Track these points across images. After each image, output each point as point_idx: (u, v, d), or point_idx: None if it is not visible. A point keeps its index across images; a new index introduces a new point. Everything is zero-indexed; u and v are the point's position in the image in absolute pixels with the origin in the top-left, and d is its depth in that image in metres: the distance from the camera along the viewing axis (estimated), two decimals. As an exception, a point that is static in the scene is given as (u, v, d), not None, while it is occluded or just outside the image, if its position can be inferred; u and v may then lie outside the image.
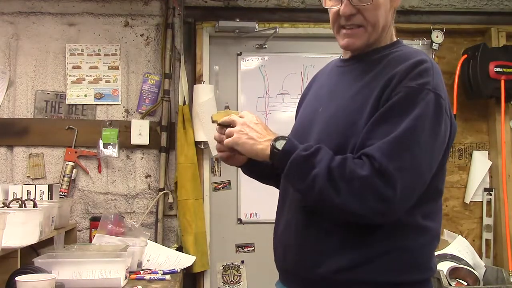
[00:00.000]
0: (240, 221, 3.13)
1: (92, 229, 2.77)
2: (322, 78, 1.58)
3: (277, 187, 1.59)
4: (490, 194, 3.20)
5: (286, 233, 1.44)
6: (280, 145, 1.31)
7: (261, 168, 1.59)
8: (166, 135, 2.99)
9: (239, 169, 1.66)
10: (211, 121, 1.52)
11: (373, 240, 1.28)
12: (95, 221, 2.75)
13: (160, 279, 2.23)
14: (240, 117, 1.42)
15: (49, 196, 2.72)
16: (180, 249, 2.85)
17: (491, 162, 3.24)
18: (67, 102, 3.01)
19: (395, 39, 1.46)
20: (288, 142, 1.31)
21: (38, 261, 1.91)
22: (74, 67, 3.02)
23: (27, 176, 2.94)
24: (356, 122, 1.30)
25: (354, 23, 1.38)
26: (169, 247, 2.84)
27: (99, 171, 2.98)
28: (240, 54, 3.20)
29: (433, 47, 3.17)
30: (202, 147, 3.02)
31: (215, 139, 1.51)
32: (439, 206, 1.38)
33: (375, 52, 1.41)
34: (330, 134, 1.34)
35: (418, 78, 1.26)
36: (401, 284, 1.30)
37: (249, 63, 3.21)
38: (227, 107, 3.08)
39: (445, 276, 2.56)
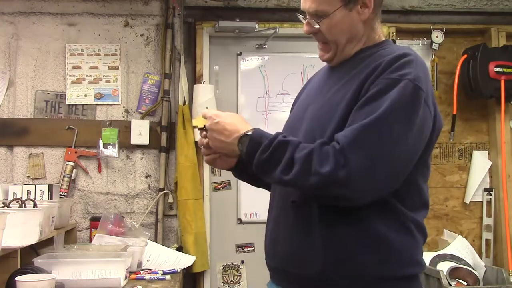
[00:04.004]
0: (240, 221, 3.13)
1: (92, 229, 2.77)
2: (316, 78, 1.62)
3: (269, 190, 1.59)
4: (490, 194, 3.20)
5: (275, 229, 1.45)
6: (243, 146, 1.36)
7: (251, 171, 1.58)
8: (166, 135, 2.99)
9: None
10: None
11: (359, 234, 1.29)
12: (95, 221, 2.75)
13: (160, 279, 2.23)
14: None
15: (49, 196, 2.72)
16: (180, 249, 2.85)
17: (491, 162, 3.25)
18: (67, 102, 3.01)
19: (383, 39, 1.48)
20: (249, 143, 1.35)
21: (38, 261, 1.91)
22: (74, 67, 3.02)
23: (27, 176, 2.94)
24: (334, 114, 1.33)
25: (319, 39, 1.47)
26: (169, 247, 2.84)
27: (99, 171, 2.98)
28: (240, 54, 3.20)
29: (433, 47, 3.17)
30: (202, 151, 3.01)
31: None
32: (423, 201, 1.38)
33: (361, 51, 1.44)
34: (314, 129, 1.37)
35: (398, 70, 1.28)
36: (391, 279, 1.30)
37: (249, 63, 3.22)
38: None
39: (445, 276, 2.56)
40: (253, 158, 1.33)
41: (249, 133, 1.35)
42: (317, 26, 1.41)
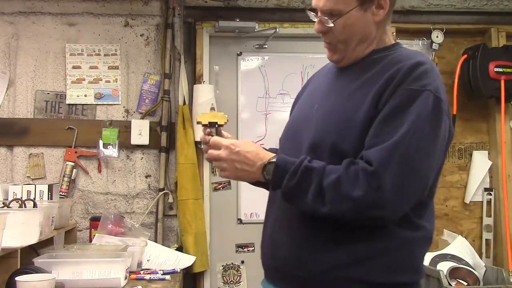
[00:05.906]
0: (240, 221, 3.13)
1: (92, 229, 2.77)
2: (319, 78, 1.59)
3: (268, 190, 1.57)
4: (490, 194, 3.20)
5: (276, 229, 1.44)
6: (269, 174, 1.33)
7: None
8: (166, 135, 2.99)
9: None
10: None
11: (365, 238, 1.29)
12: (95, 221, 2.75)
13: (160, 279, 2.23)
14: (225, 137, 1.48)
15: (49, 196, 2.72)
16: (180, 249, 2.85)
17: (491, 162, 3.24)
18: (67, 102, 3.01)
19: (393, 42, 1.47)
20: (275, 170, 1.32)
21: (38, 261, 1.91)
22: (74, 67, 3.02)
23: (27, 176, 2.94)
24: (352, 121, 1.31)
25: (327, 39, 1.44)
26: (169, 247, 2.84)
27: (99, 171, 2.98)
28: (240, 54, 3.20)
29: (433, 47, 3.17)
30: (202, 147, 3.02)
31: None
32: (432, 208, 1.39)
33: (373, 53, 1.42)
34: (327, 132, 1.35)
35: (418, 80, 1.27)
36: (392, 285, 1.30)
37: (249, 63, 3.21)
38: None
39: (445, 276, 2.56)
40: (280, 186, 1.31)
41: (274, 160, 1.33)
42: (331, 25, 1.38)
